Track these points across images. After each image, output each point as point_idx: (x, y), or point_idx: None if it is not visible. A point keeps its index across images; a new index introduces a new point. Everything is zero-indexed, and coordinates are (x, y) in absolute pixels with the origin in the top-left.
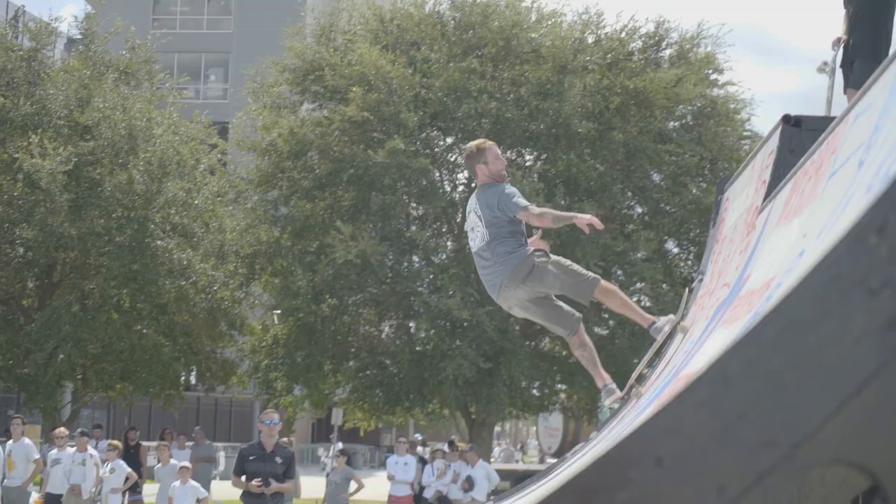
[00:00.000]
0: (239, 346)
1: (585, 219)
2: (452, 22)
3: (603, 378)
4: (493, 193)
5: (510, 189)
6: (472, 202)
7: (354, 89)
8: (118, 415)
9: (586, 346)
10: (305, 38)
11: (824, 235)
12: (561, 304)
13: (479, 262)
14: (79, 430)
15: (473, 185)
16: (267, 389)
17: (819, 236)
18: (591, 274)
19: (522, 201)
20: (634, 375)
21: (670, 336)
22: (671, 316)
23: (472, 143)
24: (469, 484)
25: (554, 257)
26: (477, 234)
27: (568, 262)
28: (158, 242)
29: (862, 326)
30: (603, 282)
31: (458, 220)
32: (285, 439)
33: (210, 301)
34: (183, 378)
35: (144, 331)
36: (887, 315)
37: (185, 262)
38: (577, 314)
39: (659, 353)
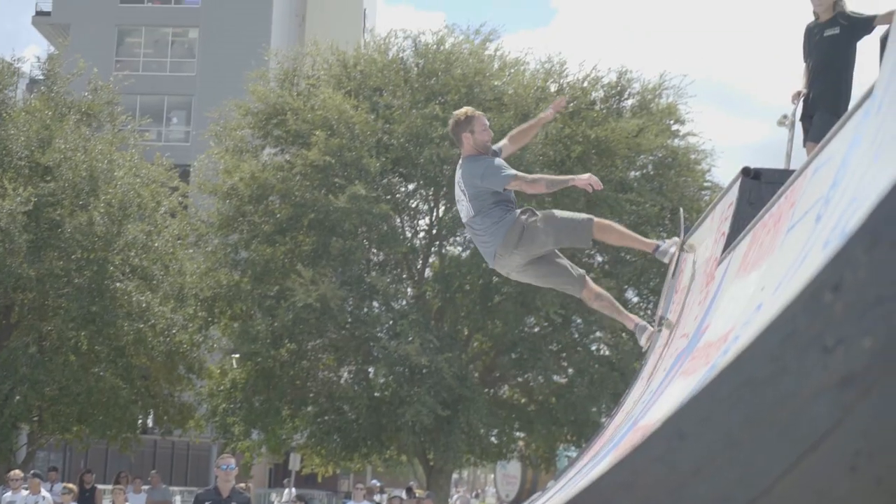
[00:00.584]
0: (197, 389)
1: (584, 179)
2: (416, 68)
3: (631, 319)
4: (478, 166)
5: (497, 161)
6: (458, 175)
7: (317, 133)
8: (74, 457)
9: (602, 297)
10: (269, 82)
11: (782, 289)
12: (562, 261)
13: (471, 232)
14: (32, 472)
15: (435, 231)
16: (224, 434)
17: (777, 290)
18: (582, 215)
19: (510, 171)
20: (659, 312)
21: (677, 258)
22: (675, 238)
23: (461, 110)
24: None
25: (542, 213)
26: (462, 207)
27: (556, 212)
28: (118, 284)
29: (817, 384)
30: (596, 219)
31: (418, 267)
32: (242, 485)
33: (168, 344)
34: (140, 421)
35: (102, 373)
36: (842, 373)
37: (144, 305)
38: (579, 270)
39: (674, 275)
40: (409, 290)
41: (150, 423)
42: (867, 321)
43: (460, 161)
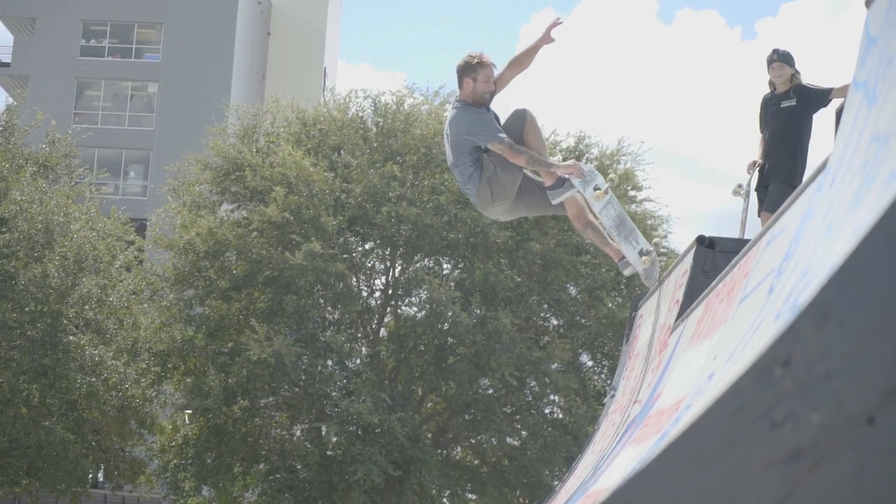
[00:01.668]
0: (148, 445)
1: (568, 166)
2: (375, 128)
3: (617, 253)
4: (467, 117)
5: (487, 118)
6: (447, 115)
7: (277, 189)
8: None
9: (592, 226)
10: (228, 137)
11: (734, 360)
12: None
13: (455, 178)
14: None
15: (391, 290)
16: (175, 490)
17: (729, 360)
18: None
19: (498, 134)
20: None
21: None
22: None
23: (476, 53)
24: None
25: (494, 155)
26: (446, 149)
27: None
28: (71, 338)
29: (765, 458)
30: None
31: (373, 326)
32: None
33: (121, 398)
34: (90, 475)
35: (53, 427)
36: (790, 448)
37: (97, 359)
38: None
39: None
40: (363, 349)
41: (100, 477)
42: (816, 397)
43: (454, 102)
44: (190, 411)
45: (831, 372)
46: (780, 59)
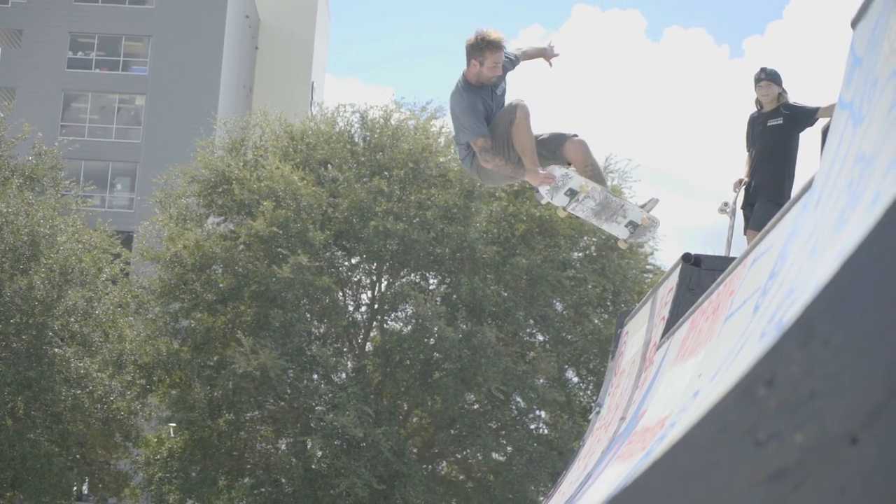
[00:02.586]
0: (133, 457)
1: (538, 178)
2: (362, 142)
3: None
4: (459, 102)
5: (475, 110)
6: (454, 87)
7: (265, 203)
8: None
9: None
10: (216, 150)
11: (719, 378)
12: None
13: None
14: None
15: (377, 305)
16: (159, 503)
17: (713, 378)
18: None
19: (477, 133)
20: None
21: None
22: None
23: (490, 34)
24: None
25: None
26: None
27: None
28: (56, 350)
29: (749, 477)
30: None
31: (359, 340)
32: None
33: (106, 411)
34: (75, 488)
35: (37, 439)
36: (774, 467)
37: (82, 371)
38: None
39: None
40: (349, 363)
41: (85, 490)
42: (799, 416)
43: (461, 77)
44: (174, 424)
45: (815, 391)
46: (768, 77)
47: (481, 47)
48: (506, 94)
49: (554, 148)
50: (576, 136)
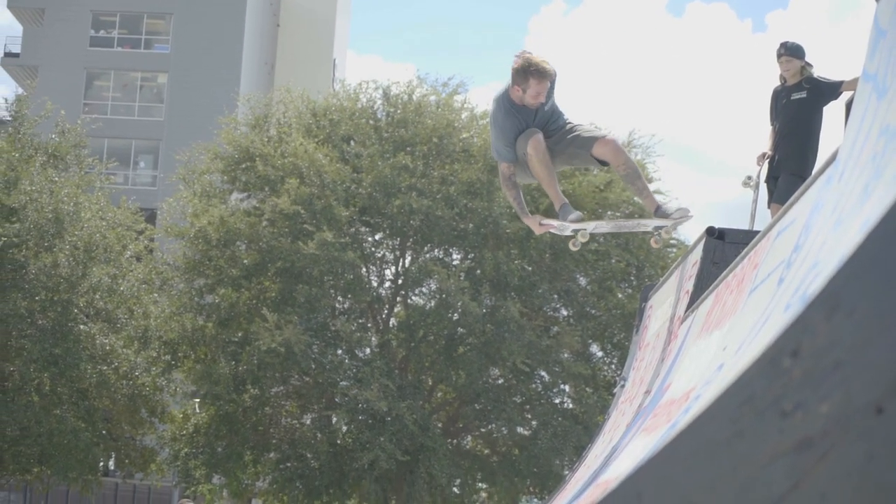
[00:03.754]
0: (159, 433)
1: (532, 226)
2: (385, 118)
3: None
4: (496, 118)
5: (507, 130)
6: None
7: (289, 181)
8: (34, 499)
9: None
10: (239, 127)
11: (743, 350)
12: (576, 136)
13: None
14: None
15: (400, 280)
16: (186, 478)
17: (738, 351)
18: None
19: (504, 157)
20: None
21: None
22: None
23: (540, 62)
24: None
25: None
26: None
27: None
28: (81, 327)
29: (774, 448)
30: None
31: (383, 316)
32: None
33: (131, 387)
34: (101, 464)
35: (64, 415)
36: (799, 437)
37: (107, 348)
38: (598, 134)
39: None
40: (373, 338)
41: (111, 465)
42: (825, 387)
43: (504, 90)
44: (199, 400)
45: (840, 362)
46: (789, 52)
47: (527, 74)
48: (553, 108)
49: (585, 149)
50: (605, 136)
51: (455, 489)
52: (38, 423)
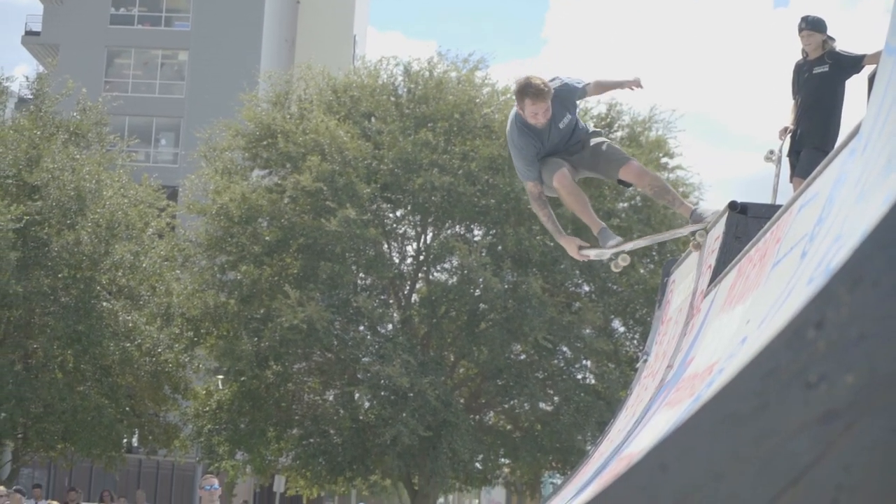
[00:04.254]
0: (182, 410)
1: (570, 248)
2: (406, 95)
3: (687, 207)
4: (512, 140)
5: (526, 152)
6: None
7: (311, 158)
8: (58, 475)
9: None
10: (260, 104)
11: (766, 324)
12: (600, 152)
13: None
14: (14, 487)
15: (422, 257)
16: (209, 454)
17: (761, 324)
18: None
19: (529, 177)
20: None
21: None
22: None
23: (529, 84)
24: None
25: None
26: None
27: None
28: (104, 304)
29: (799, 419)
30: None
31: (405, 292)
32: None
33: (154, 364)
34: (125, 440)
35: (87, 392)
36: (824, 409)
37: (130, 325)
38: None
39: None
40: (395, 314)
41: (135, 442)
42: (849, 358)
43: (515, 110)
44: (222, 377)
45: (865, 333)
46: (809, 26)
47: (523, 95)
48: (575, 123)
49: (612, 169)
50: (630, 161)
51: (478, 464)
52: (61, 400)
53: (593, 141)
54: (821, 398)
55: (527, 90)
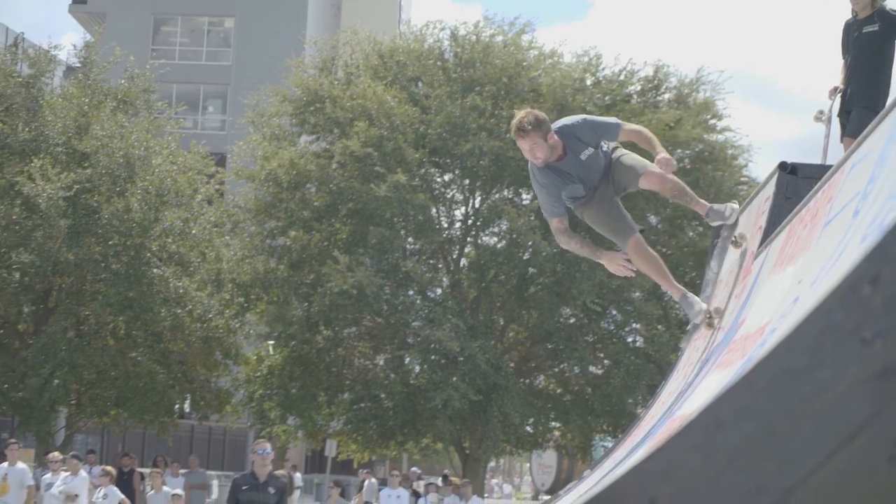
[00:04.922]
0: (234, 375)
1: (614, 262)
2: (453, 59)
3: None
4: (534, 180)
5: (548, 188)
6: None
7: (358, 123)
8: (112, 441)
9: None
10: (307, 69)
11: (819, 283)
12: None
13: None
14: (70, 454)
15: (470, 221)
16: (261, 419)
17: (813, 284)
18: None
19: (552, 212)
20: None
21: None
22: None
23: (514, 122)
24: None
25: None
26: None
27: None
28: (155, 270)
29: (854, 376)
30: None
31: (454, 256)
32: (281, 471)
33: (205, 330)
34: (177, 406)
35: (139, 358)
36: (880, 365)
37: (181, 291)
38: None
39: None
40: (444, 279)
41: (187, 408)
42: None
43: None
44: (273, 342)
45: None
46: None
47: (514, 135)
48: (599, 155)
49: (632, 181)
50: (648, 169)
51: (528, 428)
52: (114, 367)
53: (614, 155)
54: (876, 355)
55: (515, 133)
